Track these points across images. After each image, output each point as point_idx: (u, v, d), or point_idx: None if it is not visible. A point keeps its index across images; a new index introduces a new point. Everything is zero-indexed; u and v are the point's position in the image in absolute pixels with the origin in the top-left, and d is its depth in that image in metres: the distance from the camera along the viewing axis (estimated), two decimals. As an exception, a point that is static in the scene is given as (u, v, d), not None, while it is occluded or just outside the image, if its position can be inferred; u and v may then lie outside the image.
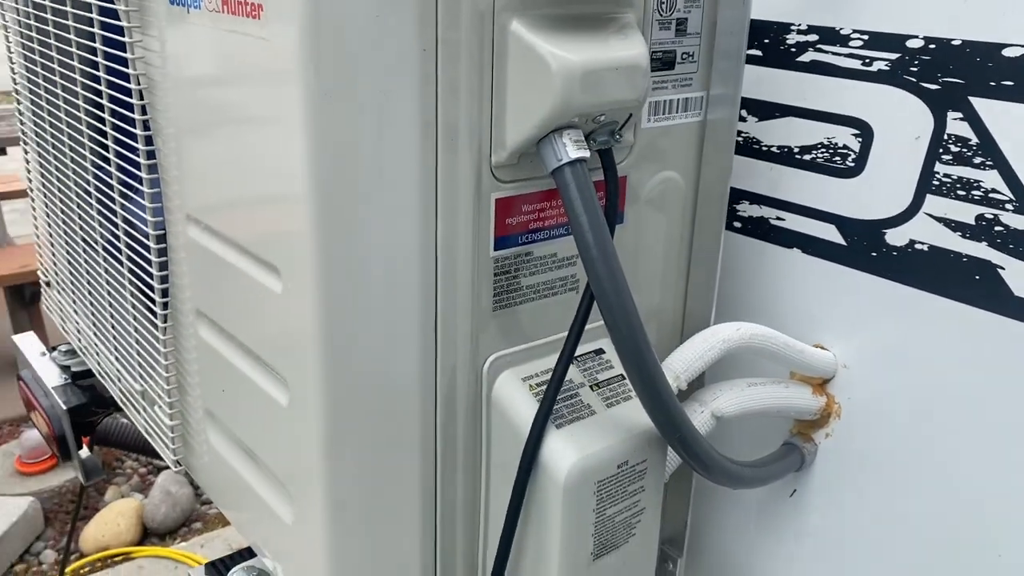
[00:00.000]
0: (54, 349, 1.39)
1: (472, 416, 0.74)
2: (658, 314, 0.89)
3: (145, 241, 0.91)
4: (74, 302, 1.23)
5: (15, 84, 1.25)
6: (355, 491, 0.72)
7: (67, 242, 1.19)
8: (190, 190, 0.84)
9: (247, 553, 0.96)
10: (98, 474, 1.36)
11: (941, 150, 0.84)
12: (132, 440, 2.88)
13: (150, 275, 0.92)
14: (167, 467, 3.19)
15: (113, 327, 1.07)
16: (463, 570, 0.79)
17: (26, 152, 1.29)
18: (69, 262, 1.20)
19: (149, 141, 0.87)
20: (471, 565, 0.79)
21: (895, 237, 0.87)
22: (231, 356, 0.83)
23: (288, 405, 0.74)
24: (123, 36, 0.84)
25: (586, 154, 0.67)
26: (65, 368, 1.35)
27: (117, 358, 1.08)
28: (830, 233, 0.93)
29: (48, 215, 1.27)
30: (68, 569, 2.67)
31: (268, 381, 0.77)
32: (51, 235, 1.28)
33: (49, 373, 1.35)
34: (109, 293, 1.06)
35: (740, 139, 0.99)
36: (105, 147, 0.95)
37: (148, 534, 2.91)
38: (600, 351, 0.80)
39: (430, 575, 0.77)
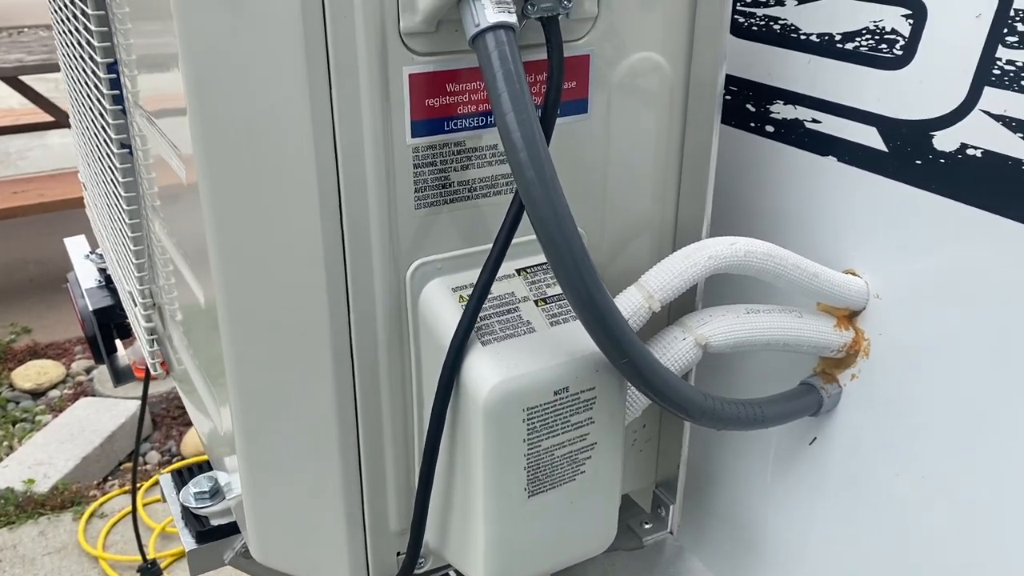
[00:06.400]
0: (94, 251, 1.39)
1: (395, 326, 0.66)
2: (651, 226, 0.76)
3: (111, 133, 0.86)
4: (96, 205, 1.22)
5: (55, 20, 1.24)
6: (262, 404, 0.65)
7: (86, 149, 1.17)
8: (137, 79, 0.78)
9: (216, 463, 0.93)
10: (127, 380, 1.37)
11: (1006, 30, 0.67)
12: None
13: (114, 167, 0.87)
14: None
15: (112, 226, 1.04)
16: (395, 496, 0.71)
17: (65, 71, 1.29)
18: (88, 164, 1.19)
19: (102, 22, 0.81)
20: (405, 491, 0.72)
21: (944, 141, 0.72)
22: (173, 254, 0.78)
23: (204, 305, 0.68)
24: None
25: (509, 19, 0.56)
26: (102, 270, 1.35)
27: (115, 259, 1.06)
28: (870, 137, 0.78)
29: (76, 123, 1.26)
30: (167, 470, 2.80)
31: (193, 279, 0.71)
32: (78, 138, 1.27)
33: (87, 275, 1.36)
34: (104, 193, 1.03)
35: (777, 28, 0.84)
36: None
37: (245, 442, 3.01)
38: (556, 262, 0.69)
39: (355, 498, 0.69)
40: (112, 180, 0.92)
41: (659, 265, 0.71)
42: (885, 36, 0.76)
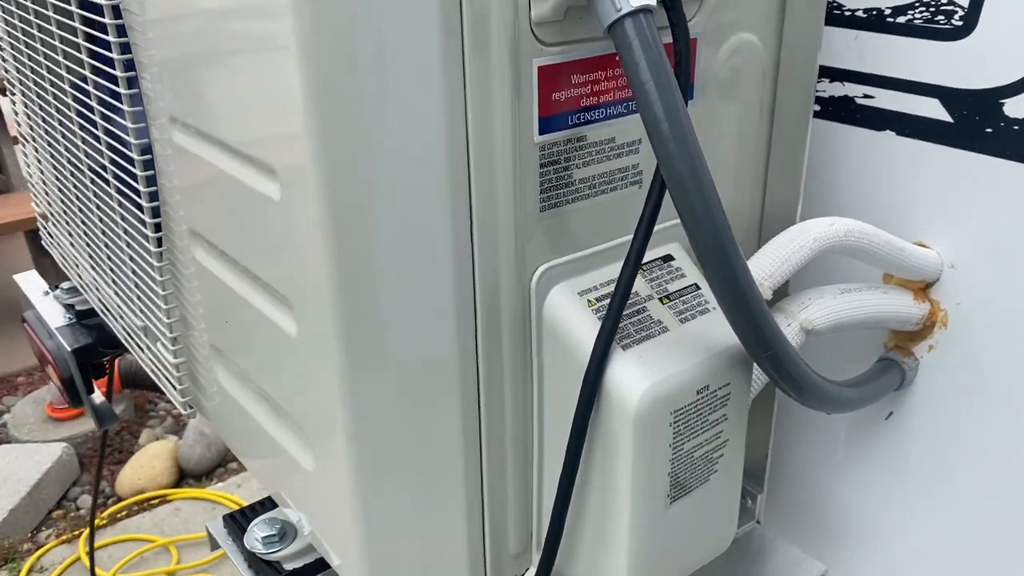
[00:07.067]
0: (57, 287, 1.28)
1: (520, 338, 0.62)
2: (732, 213, 0.74)
3: (129, 153, 0.78)
4: (70, 235, 1.11)
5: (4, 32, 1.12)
6: (384, 432, 0.60)
7: (57, 171, 1.07)
8: (171, 88, 0.70)
9: (269, 503, 0.86)
10: (111, 420, 1.27)
11: (1077, -6, 0.68)
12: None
13: (137, 193, 0.79)
14: (200, 407, 3.13)
15: (109, 258, 0.95)
16: (515, 517, 0.67)
17: (11, 89, 1.17)
18: (60, 190, 1.08)
19: (122, 32, 0.73)
20: (523, 511, 0.68)
21: (1016, 107, 0.72)
22: (231, 281, 0.71)
23: (297, 335, 0.62)
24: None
25: (651, 2, 0.52)
26: (69, 307, 1.24)
27: (116, 292, 0.97)
28: (932, 109, 0.78)
29: (36, 147, 1.14)
30: (105, 513, 2.63)
31: (273, 308, 0.65)
32: (41, 165, 1.16)
33: (53, 313, 1.24)
34: (101, 220, 0.94)
35: (817, 5, 0.83)
36: (81, 60, 0.81)
37: (184, 476, 2.86)
38: (668, 257, 0.67)
39: (476, 523, 0.65)
40: (125, 207, 0.84)
41: (763, 251, 0.70)
42: (942, 7, 0.76)
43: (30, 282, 1.34)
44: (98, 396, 1.28)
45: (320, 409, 0.63)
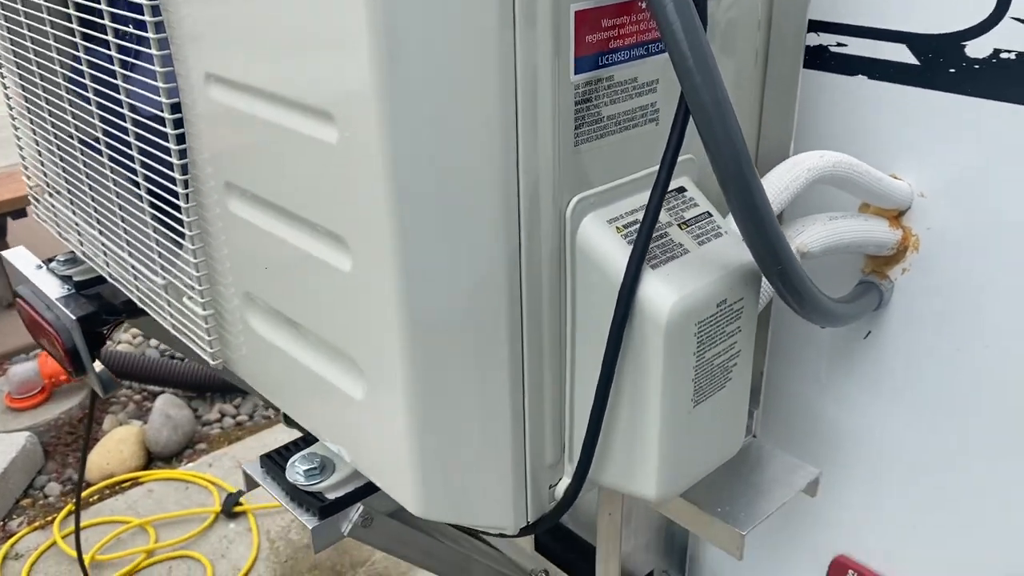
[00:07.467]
0: (50, 260, 1.30)
1: (556, 264, 0.68)
2: (727, 152, 0.82)
3: (158, 112, 0.82)
4: (71, 202, 1.14)
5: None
6: (438, 354, 0.66)
7: (60, 140, 1.09)
8: (208, 44, 0.74)
9: (302, 442, 0.91)
10: (113, 387, 1.29)
11: (1029, -57, 0.76)
12: (129, 369, 2.81)
13: (165, 151, 0.83)
14: (162, 392, 3.13)
15: (124, 220, 0.98)
16: (550, 430, 0.74)
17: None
18: (63, 159, 1.10)
19: (153, -5, 0.77)
20: (558, 424, 0.74)
21: (976, 48, 0.81)
22: (273, 227, 0.76)
23: (352, 270, 0.67)
24: None
25: (675, -49, 0.59)
26: (66, 278, 1.26)
27: (131, 253, 1.00)
28: (900, 53, 0.86)
29: (31, 119, 1.16)
30: (77, 498, 2.62)
31: (324, 247, 0.70)
32: (36, 137, 1.17)
33: (49, 285, 1.26)
34: (116, 183, 0.97)
35: (791, -38, 0.91)
36: (101, 24, 0.84)
37: (152, 459, 2.87)
38: (682, 189, 0.73)
39: (519, 436, 0.71)
40: (147, 166, 0.87)
41: (764, 181, 0.77)
42: (907, -42, 0.84)
43: (20, 258, 1.35)
44: (99, 364, 1.30)
45: (375, 338, 0.68)
